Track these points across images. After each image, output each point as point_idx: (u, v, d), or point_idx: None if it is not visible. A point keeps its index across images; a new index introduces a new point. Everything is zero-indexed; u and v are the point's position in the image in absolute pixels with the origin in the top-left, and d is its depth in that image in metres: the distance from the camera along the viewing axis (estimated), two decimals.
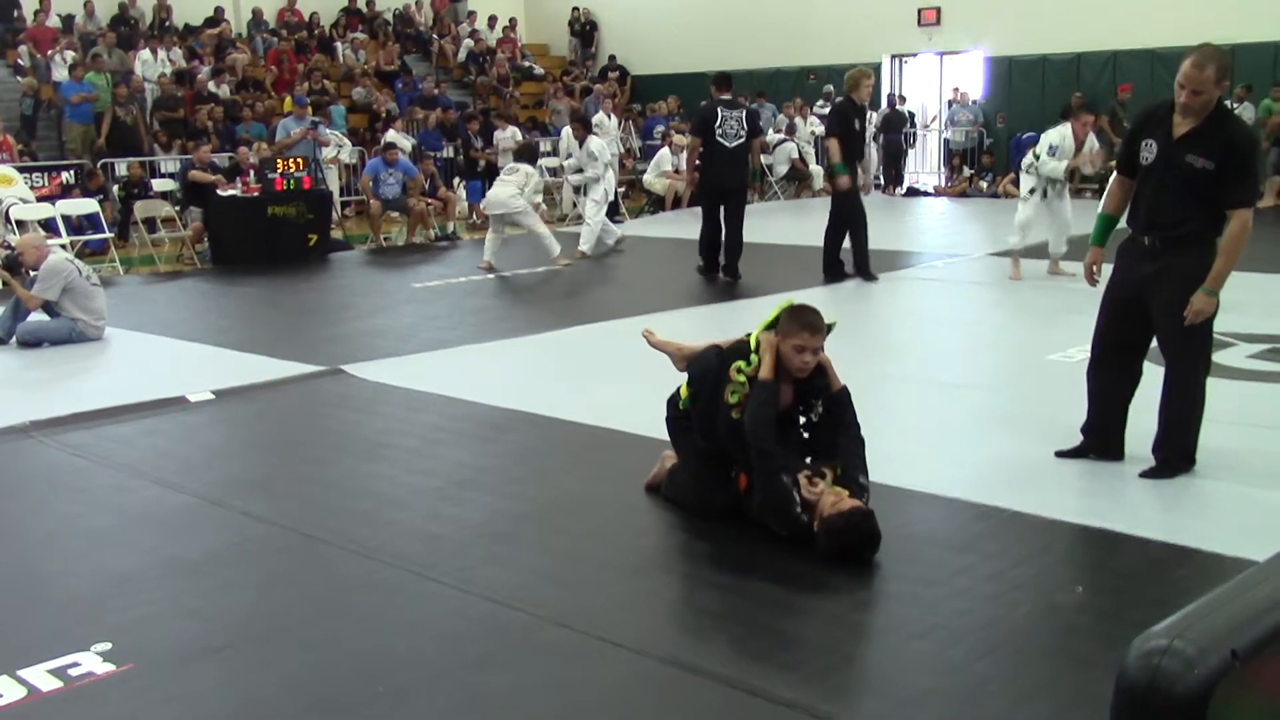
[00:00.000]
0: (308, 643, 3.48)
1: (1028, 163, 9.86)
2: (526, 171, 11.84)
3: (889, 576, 3.83)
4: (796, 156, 18.49)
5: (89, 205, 12.74)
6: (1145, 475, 4.65)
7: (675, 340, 4.89)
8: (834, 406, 4.23)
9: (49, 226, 11.83)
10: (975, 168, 19.02)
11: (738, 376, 4.15)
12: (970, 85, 19.88)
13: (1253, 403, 5.76)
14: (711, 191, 10.80)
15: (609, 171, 12.89)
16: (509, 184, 11.68)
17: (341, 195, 15.82)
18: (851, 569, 3.84)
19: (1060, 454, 4.92)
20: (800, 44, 20.89)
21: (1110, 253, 4.90)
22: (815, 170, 18.30)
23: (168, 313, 9.61)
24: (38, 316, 8.18)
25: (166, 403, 6.35)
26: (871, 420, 4.35)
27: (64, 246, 10.76)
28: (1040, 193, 9.68)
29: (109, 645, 3.39)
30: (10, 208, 11.80)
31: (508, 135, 16.92)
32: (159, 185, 13.87)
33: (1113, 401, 4.82)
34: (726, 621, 3.56)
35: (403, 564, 4.00)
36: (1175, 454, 4.67)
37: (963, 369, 6.88)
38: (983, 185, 18.52)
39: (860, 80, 9.86)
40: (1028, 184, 9.86)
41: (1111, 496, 4.57)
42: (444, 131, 17.46)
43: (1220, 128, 4.44)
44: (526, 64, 23.01)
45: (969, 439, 5.43)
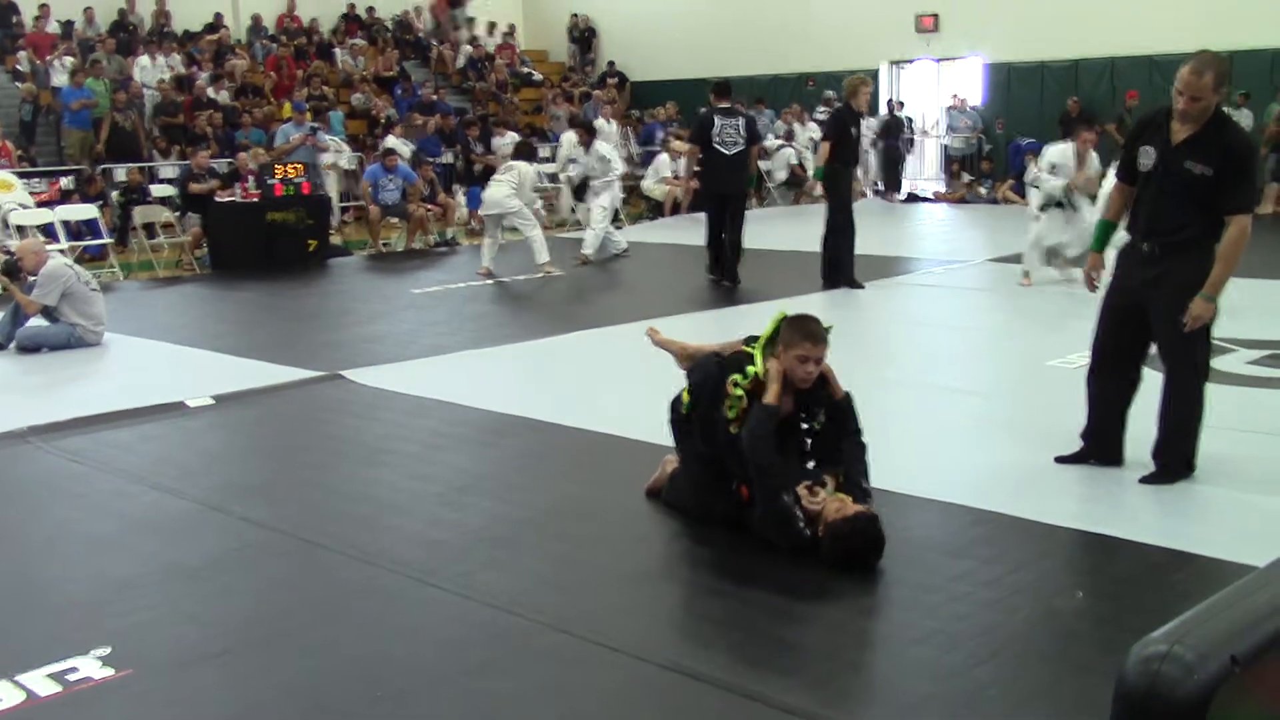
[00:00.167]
0: (307, 648, 3.47)
1: (1032, 177, 9.88)
2: (521, 170, 11.64)
3: (888, 582, 3.83)
4: (795, 162, 18.51)
5: (88, 211, 12.74)
6: (1145, 481, 4.66)
7: (679, 340, 4.89)
8: (836, 414, 4.23)
9: (48, 232, 11.84)
10: (974, 174, 19.04)
11: (735, 391, 4.15)
12: (969, 91, 19.91)
13: (1252, 408, 5.76)
14: (711, 198, 10.88)
15: (617, 175, 12.87)
16: (503, 183, 11.50)
17: (341, 201, 15.83)
18: (850, 575, 3.84)
19: (1060, 459, 4.93)
20: (799, 50, 20.91)
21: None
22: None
23: (167, 318, 9.61)
24: (37, 322, 8.18)
25: (165, 408, 6.35)
26: (871, 425, 4.35)
27: (63, 252, 10.76)
28: (1051, 207, 9.60)
29: (108, 650, 3.39)
30: (9, 213, 11.81)
31: (507, 141, 16.92)
32: (158, 191, 13.87)
33: (1112, 407, 4.83)
34: (726, 627, 3.56)
35: (403, 569, 3.99)
36: (1175, 459, 4.67)
37: (962, 374, 6.89)
38: (982, 191, 18.53)
39: (859, 88, 9.88)
40: (1036, 201, 9.82)
41: (1111, 502, 4.57)
42: (443, 137, 17.47)
43: (1219, 134, 4.44)
44: (525, 70, 23.03)
45: (969, 444, 5.43)
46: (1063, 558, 4.15)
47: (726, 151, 10.55)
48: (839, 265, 10.04)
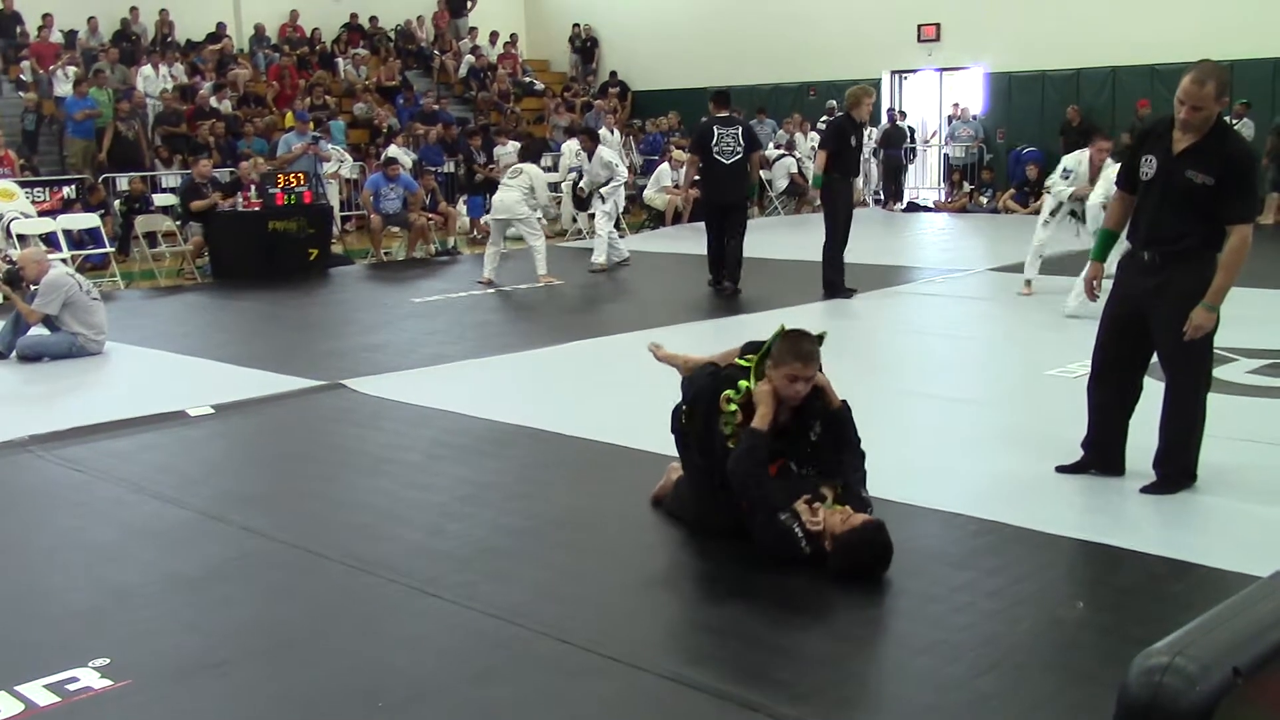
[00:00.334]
0: (307, 658, 3.47)
1: (1049, 182, 9.91)
2: (532, 173, 11.59)
3: (890, 592, 3.82)
4: (796, 171, 18.54)
5: (90, 220, 12.77)
6: (1146, 490, 4.65)
7: (682, 353, 4.88)
8: (833, 424, 4.22)
9: (50, 241, 11.84)
10: (975, 183, 19.06)
11: (728, 407, 4.14)
12: (970, 101, 19.93)
13: (1253, 418, 5.75)
14: (712, 207, 10.91)
15: (623, 181, 12.87)
16: (514, 188, 11.38)
17: (342, 210, 15.85)
18: (852, 585, 3.83)
19: (1061, 469, 4.92)
20: (800, 60, 20.94)
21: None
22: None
23: (168, 327, 9.61)
24: (38, 331, 8.18)
25: (166, 417, 6.34)
26: (872, 435, 4.34)
27: (65, 261, 10.77)
28: (1064, 214, 9.55)
29: (107, 661, 3.38)
30: (11, 222, 11.81)
31: (509, 150, 16.95)
32: (160, 200, 13.88)
33: (1113, 416, 4.82)
34: (727, 637, 3.55)
35: (404, 579, 3.99)
36: (1176, 469, 4.66)
37: (963, 384, 6.88)
38: (983, 200, 18.55)
39: (861, 98, 9.89)
40: (1049, 206, 9.81)
41: (1112, 512, 4.56)
42: (445, 147, 17.50)
43: (1220, 143, 4.45)
44: (527, 79, 23.07)
45: (970, 454, 5.42)
46: (1065, 568, 4.14)
47: (725, 161, 10.58)
48: (829, 273, 10.06)
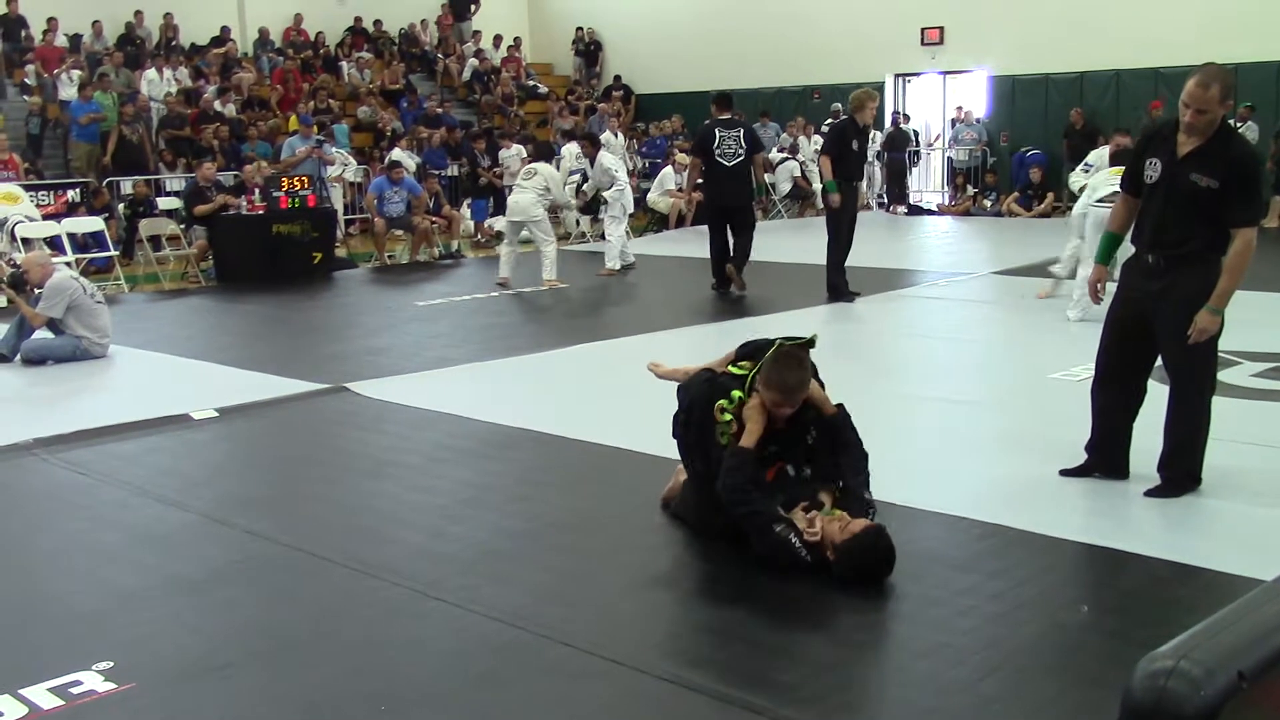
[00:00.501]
0: (310, 661, 3.47)
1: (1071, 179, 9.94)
2: (546, 173, 11.55)
3: (892, 595, 3.81)
4: (799, 175, 18.55)
5: (94, 223, 12.79)
6: (1150, 494, 4.64)
7: (682, 367, 4.87)
8: (829, 430, 4.21)
9: (54, 244, 11.85)
10: (979, 186, 19.05)
11: (722, 416, 4.14)
12: (974, 104, 19.92)
13: (1257, 421, 5.74)
14: (715, 210, 10.92)
15: (625, 185, 12.88)
16: (529, 189, 11.32)
17: (346, 213, 15.87)
18: (853, 589, 3.82)
19: (1065, 472, 4.91)
20: (804, 63, 20.95)
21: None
22: (818, 189, 18.32)
23: (172, 330, 9.62)
24: (42, 334, 8.19)
25: (170, 420, 6.35)
26: (875, 438, 4.34)
27: (69, 264, 10.79)
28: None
29: (110, 664, 3.38)
30: (16, 225, 11.84)
31: (513, 153, 16.97)
32: (164, 203, 13.91)
33: (1117, 419, 4.81)
34: (729, 640, 3.54)
35: (406, 582, 3.98)
36: (1180, 473, 4.65)
37: (966, 387, 6.87)
38: (986, 204, 18.54)
39: (865, 102, 9.87)
40: (1079, 206, 9.75)
41: (1116, 515, 4.55)
42: (449, 150, 17.51)
43: (1224, 147, 4.44)
44: (531, 83, 23.09)
45: (973, 457, 5.42)
46: (1068, 571, 4.14)
47: (727, 163, 10.58)
48: (832, 277, 10.06)
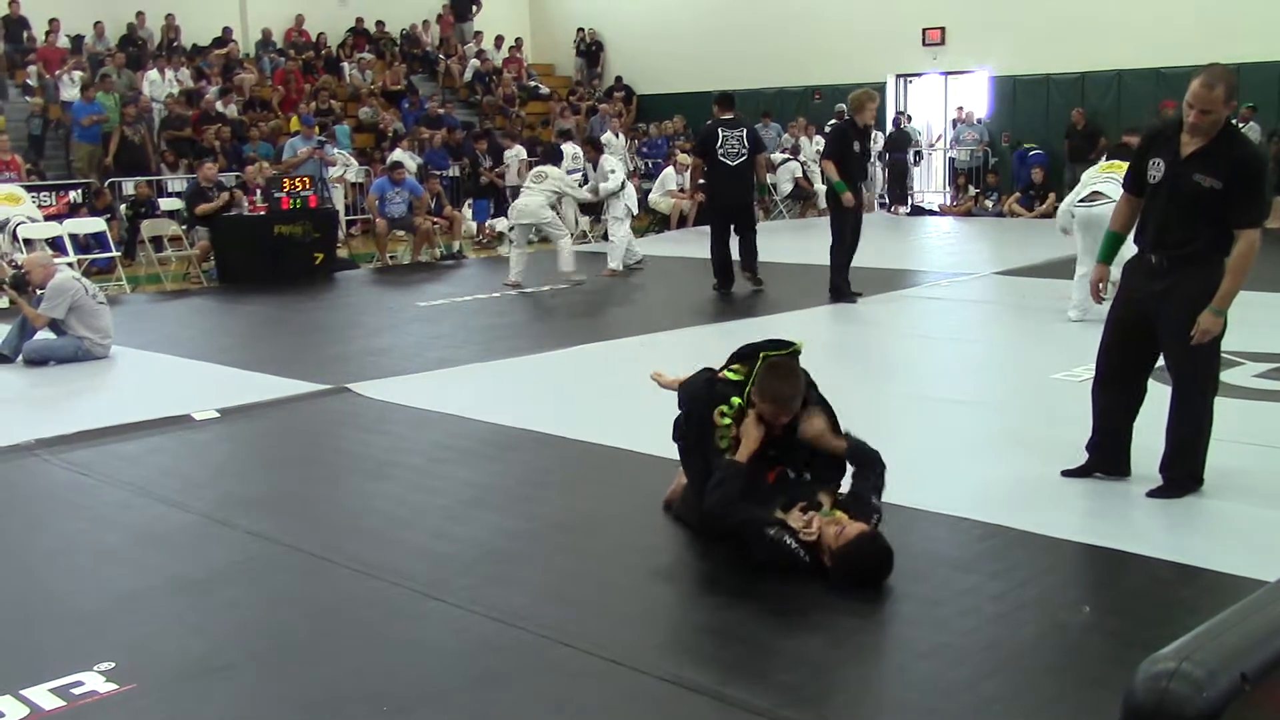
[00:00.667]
0: (311, 662, 3.47)
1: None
2: (555, 175, 11.49)
3: (894, 596, 3.81)
4: (801, 175, 18.54)
5: (96, 224, 12.79)
6: (1152, 494, 4.63)
7: (684, 377, 4.86)
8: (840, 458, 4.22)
9: (56, 245, 11.87)
10: (980, 186, 19.04)
11: (722, 421, 4.14)
12: (975, 104, 19.91)
13: (1260, 422, 5.74)
14: (718, 210, 10.91)
15: (628, 185, 12.88)
16: (537, 192, 11.29)
17: (347, 214, 15.87)
18: (854, 590, 3.82)
19: (1066, 473, 4.90)
20: (805, 64, 20.95)
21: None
22: (820, 189, 18.33)
23: (174, 331, 9.63)
24: (44, 335, 8.20)
25: (172, 421, 6.35)
26: (876, 438, 4.33)
27: (71, 265, 10.80)
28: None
29: (112, 664, 3.38)
30: (18, 226, 11.85)
31: (515, 154, 16.97)
32: (166, 204, 13.92)
33: (1118, 419, 4.80)
34: (729, 640, 3.54)
35: (407, 583, 3.98)
36: (1182, 473, 4.65)
37: (968, 387, 6.87)
38: (988, 204, 18.53)
39: (865, 102, 9.85)
40: (1064, 208, 9.76)
41: (1117, 516, 4.55)
42: (450, 151, 17.51)
43: (1228, 147, 4.43)
44: (533, 84, 23.09)
45: (974, 458, 5.41)
46: (1069, 572, 4.13)
47: (730, 163, 10.58)
48: (835, 278, 10.06)
